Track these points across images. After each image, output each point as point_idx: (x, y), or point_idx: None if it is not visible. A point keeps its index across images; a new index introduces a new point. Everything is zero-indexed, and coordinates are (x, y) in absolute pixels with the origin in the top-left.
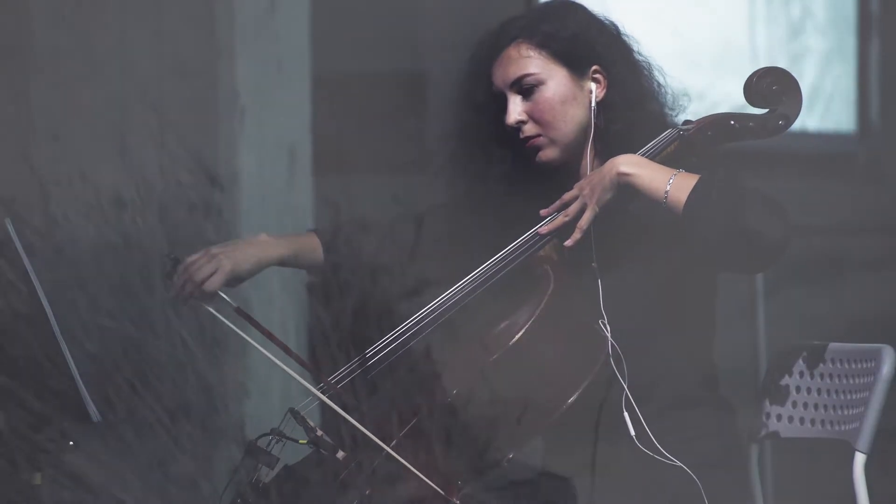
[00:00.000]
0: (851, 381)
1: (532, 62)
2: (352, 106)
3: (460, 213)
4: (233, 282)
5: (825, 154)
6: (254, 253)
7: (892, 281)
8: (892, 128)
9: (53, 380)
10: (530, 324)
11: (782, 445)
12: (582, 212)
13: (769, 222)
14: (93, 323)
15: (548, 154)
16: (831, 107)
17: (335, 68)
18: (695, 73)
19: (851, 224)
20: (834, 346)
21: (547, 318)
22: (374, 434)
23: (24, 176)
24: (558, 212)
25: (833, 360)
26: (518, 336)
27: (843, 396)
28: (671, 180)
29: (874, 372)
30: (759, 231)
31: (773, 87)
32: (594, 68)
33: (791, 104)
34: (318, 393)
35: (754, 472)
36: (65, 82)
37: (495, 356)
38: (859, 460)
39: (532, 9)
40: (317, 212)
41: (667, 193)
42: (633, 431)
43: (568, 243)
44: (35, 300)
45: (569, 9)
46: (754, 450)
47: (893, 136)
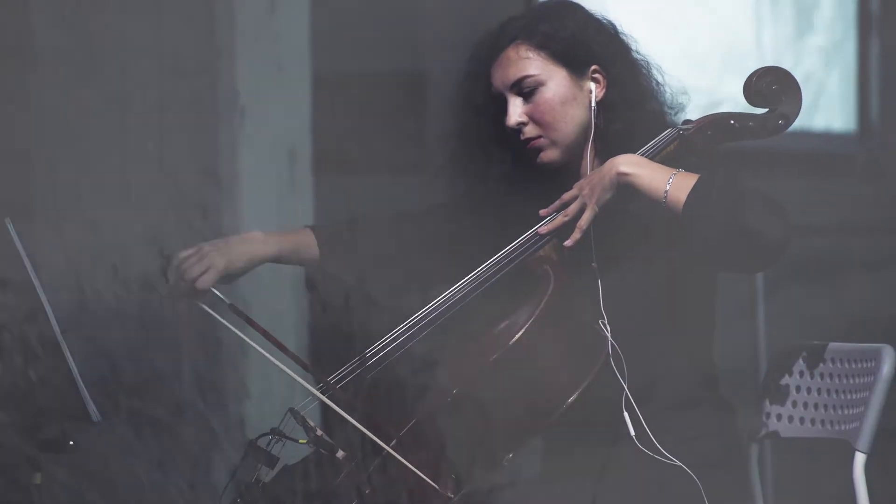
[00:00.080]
0: (851, 380)
1: (531, 63)
2: (352, 106)
3: (460, 213)
4: (226, 279)
5: (825, 154)
6: (246, 250)
7: (892, 281)
8: (892, 128)
9: (54, 379)
10: (530, 324)
11: (782, 445)
12: (581, 212)
13: (769, 222)
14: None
15: (549, 155)
16: (831, 107)
17: (335, 68)
18: (700, 74)
19: (851, 224)
20: (834, 345)
21: (547, 318)
22: (373, 434)
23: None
24: (558, 212)
25: (833, 360)
26: (518, 336)
27: (843, 396)
28: (671, 180)
29: (874, 372)
30: (759, 230)
31: (773, 87)
32: (593, 68)
33: (791, 104)
34: (314, 391)
35: (754, 472)
36: (65, 82)
37: (495, 356)
38: (859, 460)
39: (530, 9)
40: (317, 212)
41: (666, 193)
42: (633, 431)
43: (567, 243)
44: (35, 300)
45: (567, 9)
46: (754, 450)
47: (893, 136)
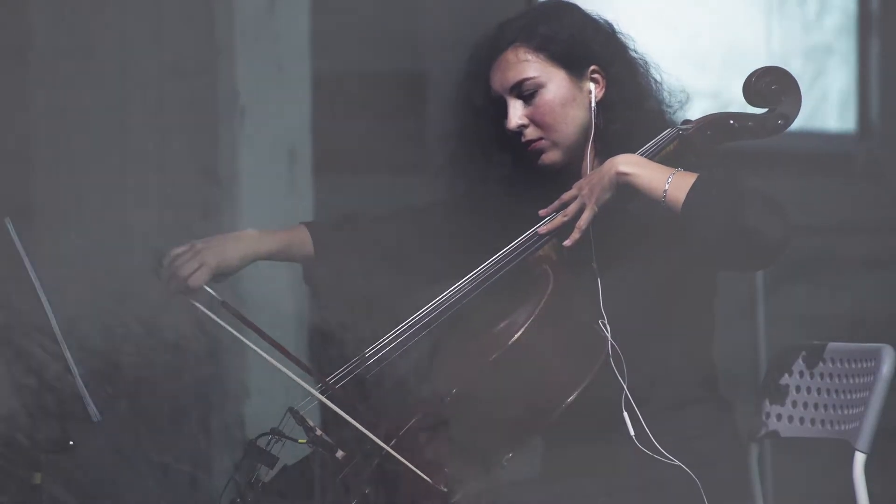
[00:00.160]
0: (851, 380)
1: (531, 66)
2: (352, 106)
3: (460, 213)
4: (219, 277)
5: (825, 154)
6: (239, 248)
7: (892, 281)
8: (892, 128)
9: (53, 379)
10: (529, 323)
11: (782, 445)
12: (581, 211)
13: (768, 221)
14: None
15: (550, 157)
16: (831, 107)
17: (335, 68)
18: (703, 75)
19: (851, 224)
20: (834, 345)
21: (546, 318)
22: (373, 433)
23: None
24: (557, 212)
25: (833, 360)
26: (517, 336)
27: (842, 396)
28: (670, 179)
29: (874, 372)
30: (759, 229)
31: (773, 87)
32: (592, 68)
33: (790, 104)
34: (312, 390)
35: (754, 472)
36: (65, 82)
37: (494, 356)
38: (859, 460)
39: (527, 11)
40: (317, 212)
41: (665, 192)
42: (632, 431)
43: (567, 243)
44: (35, 301)
45: (564, 10)
46: (754, 450)
47: (893, 136)
